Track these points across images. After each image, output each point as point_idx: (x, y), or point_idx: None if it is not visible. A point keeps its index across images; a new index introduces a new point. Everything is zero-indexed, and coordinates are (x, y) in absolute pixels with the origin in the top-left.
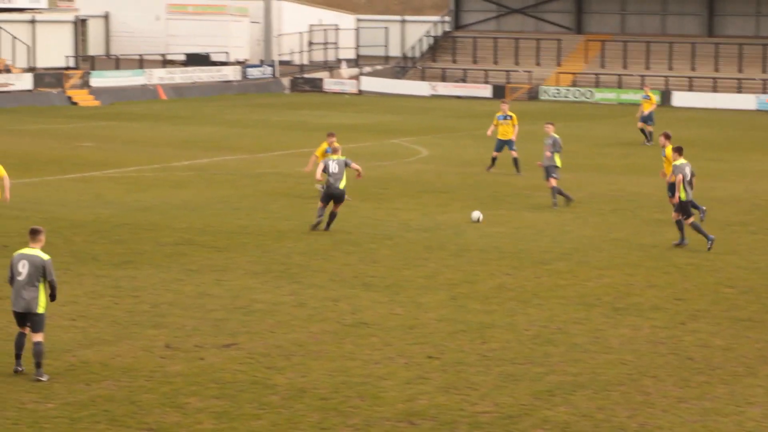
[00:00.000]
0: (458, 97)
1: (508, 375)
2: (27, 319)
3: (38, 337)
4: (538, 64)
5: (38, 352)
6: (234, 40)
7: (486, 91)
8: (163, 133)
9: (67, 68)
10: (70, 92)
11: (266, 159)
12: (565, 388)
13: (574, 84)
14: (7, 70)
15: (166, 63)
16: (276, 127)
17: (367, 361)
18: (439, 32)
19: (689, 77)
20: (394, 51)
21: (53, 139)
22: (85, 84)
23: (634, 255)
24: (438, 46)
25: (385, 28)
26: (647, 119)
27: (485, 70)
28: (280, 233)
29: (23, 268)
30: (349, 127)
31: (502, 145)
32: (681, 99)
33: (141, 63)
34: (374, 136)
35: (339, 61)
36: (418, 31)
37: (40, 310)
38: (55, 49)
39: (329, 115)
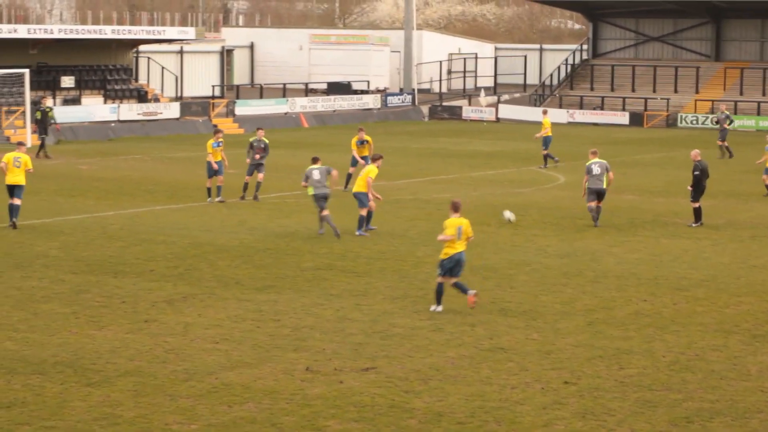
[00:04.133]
0: (595, 125)
1: (645, 401)
2: None
3: None
4: (676, 91)
5: None
6: (375, 68)
7: (623, 118)
8: (305, 160)
9: (213, 97)
10: (215, 120)
11: (405, 185)
12: (703, 416)
13: (712, 111)
14: (156, 99)
15: (308, 92)
16: (415, 154)
17: (503, 386)
18: (577, 60)
19: None
20: (532, 79)
21: (199, 166)
22: (230, 112)
23: None
24: (576, 74)
25: (524, 56)
26: None
27: (623, 98)
28: (418, 259)
29: None
30: (488, 155)
31: None
32: None
33: (284, 92)
34: (512, 163)
35: (478, 89)
36: (556, 59)
37: None
38: (201, 78)
39: (468, 142)
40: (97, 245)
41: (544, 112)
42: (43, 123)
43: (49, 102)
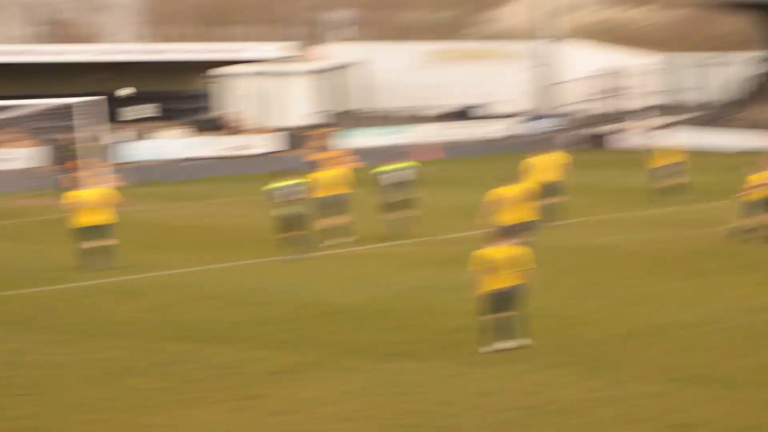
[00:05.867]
0: None
1: None
2: None
3: None
4: None
5: None
6: (508, 89)
7: None
8: (430, 198)
9: (312, 126)
10: (314, 155)
11: (554, 229)
12: None
13: None
14: (244, 130)
15: (430, 118)
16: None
17: None
18: (764, 71)
19: None
20: (710, 95)
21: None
22: (338, 143)
23: None
24: (764, 89)
25: (698, 68)
26: None
27: None
28: (583, 316)
29: None
30: (645, 189)
31: None
32: None
33: (401, 118)
34: (685, 200)
35: (639, 110)
36: (740, 70)
37: None
38: (297, 104)
39: (625, 174)
40: (193, 307)
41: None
42: (62, 162)
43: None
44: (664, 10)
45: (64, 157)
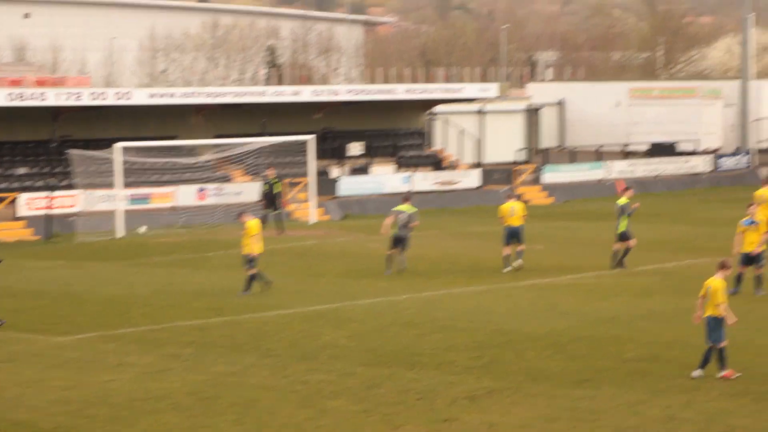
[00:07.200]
0: None
1: None
2: None
3: None
4: None
5: None
6: (705, 126)
7: None
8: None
9: (518, 163)
10: (521, 189)
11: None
12: None
13: None
14: (454, 167)
15: (627, 154)
16: None
17: None
18: None
19: None
20: None
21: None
22: (536, 180)
23: None
24: None
25: None
26: None
27: None
28: (758, 348)
29: None
30: None
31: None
32: None
33: (599, 155)
34: None
35: None
36: None
37: None
38: (505, 142)
39: None
40: (390, 333)
41: None
42: (270, 197)
43: (273, 173)
44: None
45: (270, 191)
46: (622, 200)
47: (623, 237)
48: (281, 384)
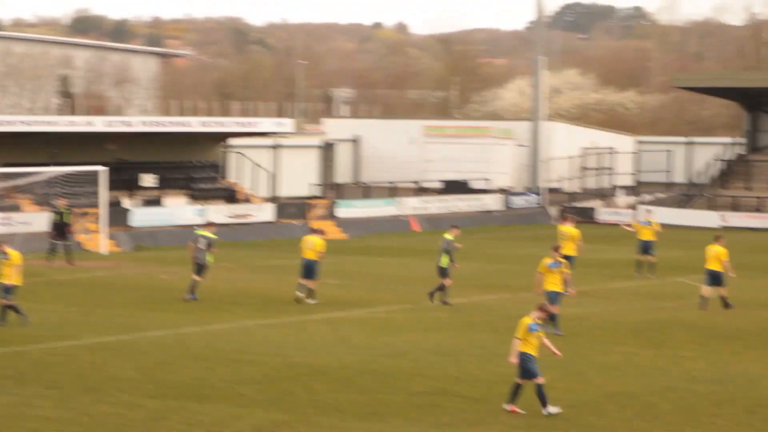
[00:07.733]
0: (753, 230)
1: None
2: None
3: None
4: None
5: None
6: (497, 165)
7: None
8: (416, 269)
9: (312, 197)
10: (314, 224)
11: (532, 299)
12: None
13: None
14: (248, 200)
15: (420, 191)
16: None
17: None
18: (732, 155)
19: None
20: (679, 176)
21: (294, 275)
22: (330, 214)
23: None
24: (730, 171)
25: (668, 150)
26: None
27: None
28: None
29: None
30: (627, 263)
31: None
32: None
33: (393, 191)
34: (656, 274)
35: (614, 188)
36: (706, 153)
37: None
38: (300, 176)
39: (603, 249)
40: (178, 366)
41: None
42: (61, 227)
43: (64, 203)
44: (650, 94)
45: (61, 221)
46: (448, 235)
47: (443, 273)
48: (65, 416)
